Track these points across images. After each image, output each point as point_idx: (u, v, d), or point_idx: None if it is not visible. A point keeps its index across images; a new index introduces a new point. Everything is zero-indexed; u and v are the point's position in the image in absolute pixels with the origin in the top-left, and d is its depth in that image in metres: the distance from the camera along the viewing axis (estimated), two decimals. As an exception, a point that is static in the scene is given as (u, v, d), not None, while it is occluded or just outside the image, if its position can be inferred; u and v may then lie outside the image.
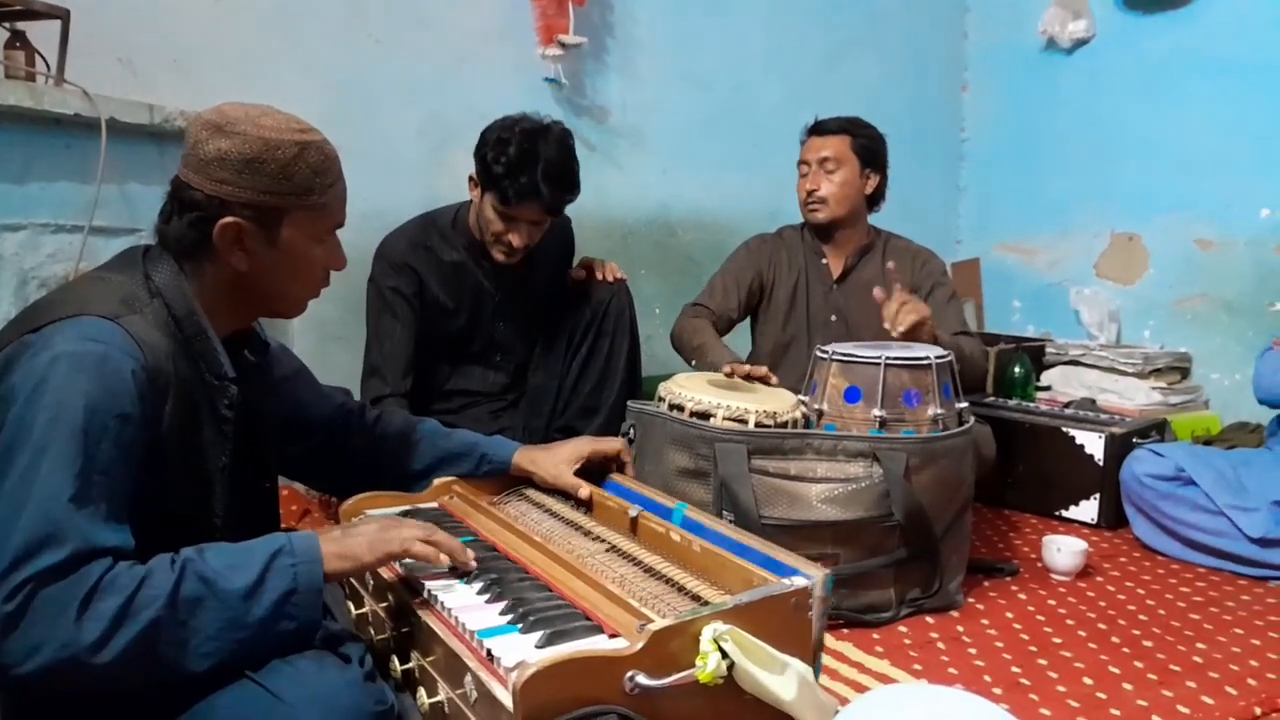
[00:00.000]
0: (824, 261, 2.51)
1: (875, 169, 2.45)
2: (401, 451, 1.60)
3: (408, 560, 1.27)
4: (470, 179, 2.21)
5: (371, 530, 1.20)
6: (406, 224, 2.31)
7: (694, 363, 2.33)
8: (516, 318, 2.35)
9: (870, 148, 2.44)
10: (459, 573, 1.29)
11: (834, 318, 2.49)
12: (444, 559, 1.25)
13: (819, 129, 2.47)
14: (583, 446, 1.66)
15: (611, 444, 1.70)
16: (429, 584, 1.25)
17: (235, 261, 1.19)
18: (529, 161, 2.05)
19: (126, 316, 1.12)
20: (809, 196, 2.44)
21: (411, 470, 1.61)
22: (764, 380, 2.06)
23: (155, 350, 1.12)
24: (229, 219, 1.16)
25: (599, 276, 2.37)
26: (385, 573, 1.31)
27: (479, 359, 2.35)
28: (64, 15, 1.83)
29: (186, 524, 1.17)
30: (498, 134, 2.11)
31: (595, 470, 1.66)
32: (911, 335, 2.07)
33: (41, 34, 1.85)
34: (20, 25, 1.82)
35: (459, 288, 2.27)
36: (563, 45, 2.82)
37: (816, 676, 1.17)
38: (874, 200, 2.50)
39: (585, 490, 1.58)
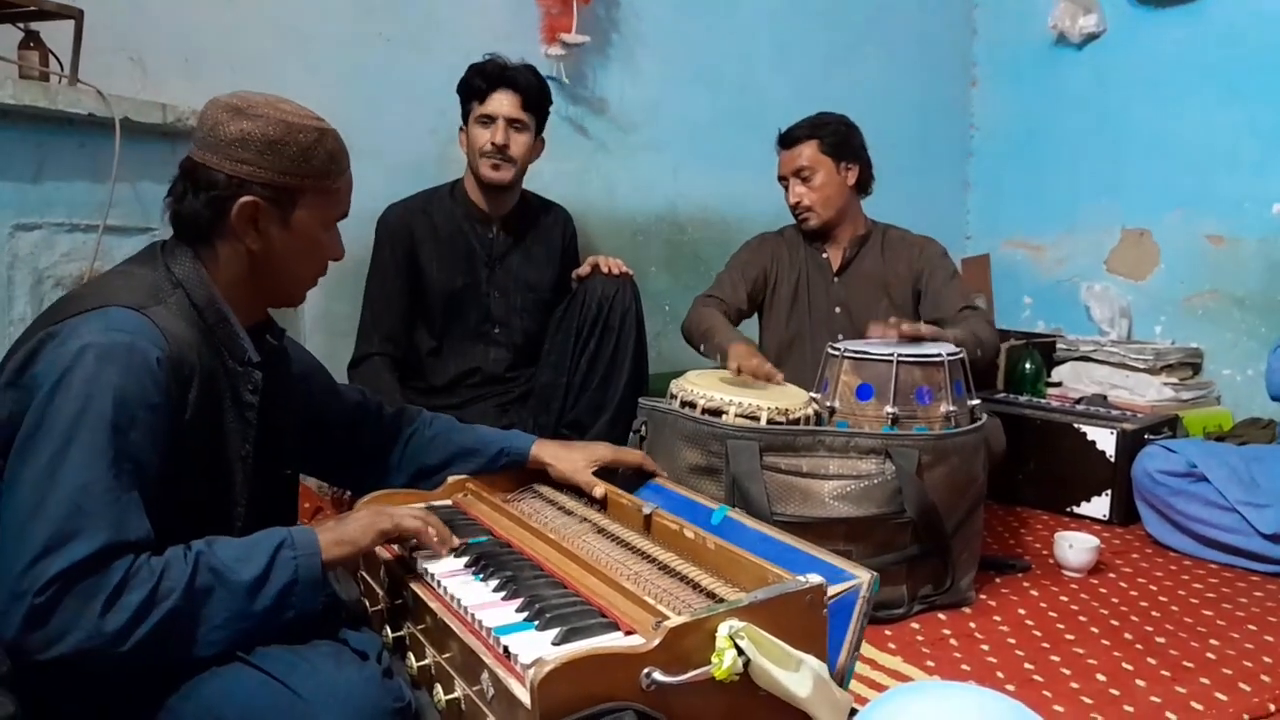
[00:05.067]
0: (824, 256, 2.52)
1: (851, 159, 2.44)
2: (417, 447, 1.61)
3: (425, 566, 1.28)
4: (460, 131, 2.37)
5: (363, 516, 1.25)
6: (408, 196, 2.41)
7: (703, 347, 2.33)
8: (510, 290, 2.40)
9: (838, 142, 2.42)
10: (471, 567, 1.30)
11: (837, 310, 2.50)
12: (433, 533, 1.30)
13: (785, 140, 2.47)
14: (603, 452, 1.66)
15: (632, 455, 1.71)
16: (445, 581, 1.26)
17: (249, 241, 1.22)
18: (499, 63, 2.31)
19: (151, 307, 1.14)
20: (796, 208, 2.47)
21: (427, 465, 1.62)
22: (769, 379, 2.07)
23: (180, 340, 1.14)
24: (247, 198, 1.19)
25: (604, 270, 2.39)
26: (392, 560, 1.32)
27: (478, 334, 2.39)
28: (77, 15, 1.83)
29: (207, 511, 1.20)
30: None
31: (627, 476, 1.68)
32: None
33: (54, 34, 1.85)
34: (34, 25, 1.83)
35: (453, 252, 2.35)
36: (565, 44, 2.82)
37: (849, 678, 1.17)
38: (862, 187, 2.49)
39: (600, 489, 1.59)
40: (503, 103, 2.27)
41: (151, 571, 1.02)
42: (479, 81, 2.28)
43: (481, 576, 1.28)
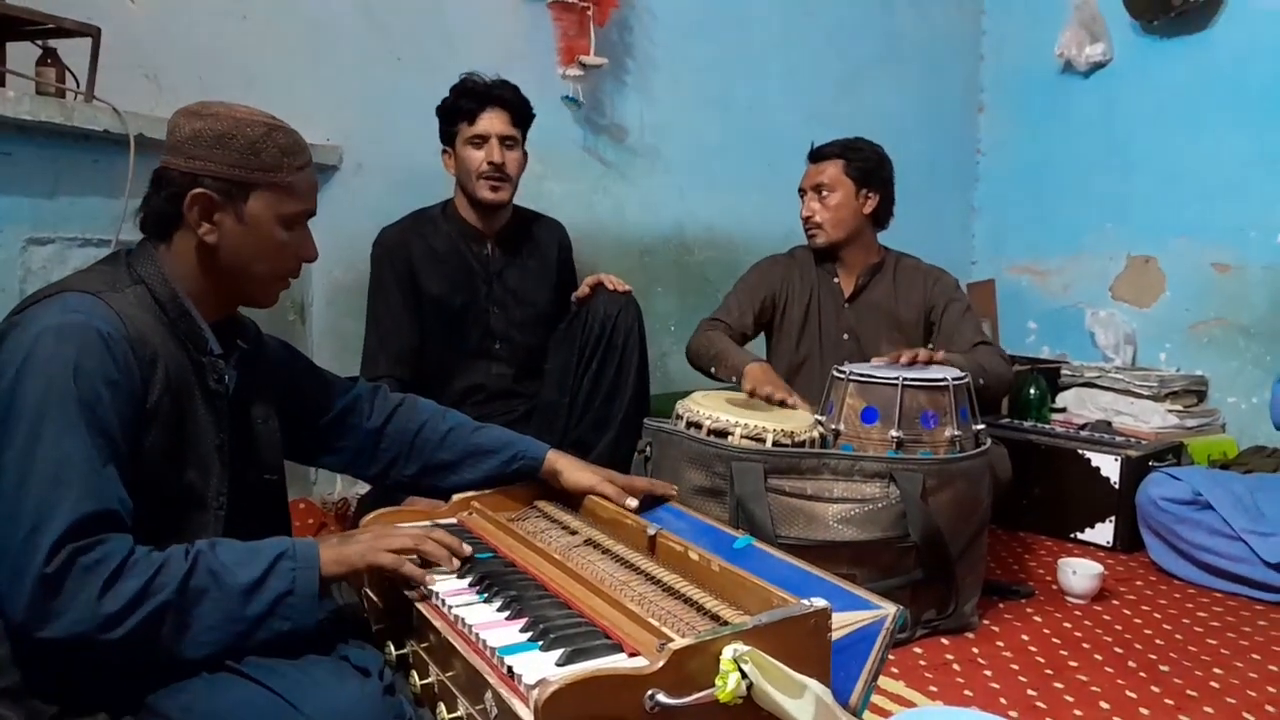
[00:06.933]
0: (835, 280, 2.53)
1: (874, 188, 2.45)
2: (427, 439, 1.58)
3: (429, 584, 1.29)
4: (444, 154, 2.36)
5: (366, 539, 1.26)
6: (400, 219, 2.40)
7: (714, 369, 2.34)
8: (509, 305, 2.41)
9: (866, 168, 2.44)
10: (475, 586, 1.30)
11: (846, 336, 2.50)
12: (434, 547, 1.30)
13: (815, 155, 2.49)
14: (610, 484, 1.59)
15: (639, 482, 1.63)
16: (449, 600, 1.26)
17: (203, 233, 1.25)
18: (480, 82, 2.30)
19: (107, 293, 1.18)
20: (806, 222, 2.48)
21: (438, 460, 1.58)
22: (782, 404, 2.07)
23: (137, 324, 1.18)
24: (196, 189, 1.22)
25: (608, 287, 2.40)
26: (396, 577, 1.32)
27: (480, 350, 2.39)
28: (94, 33, 1.85)
29: (188, 504, 1.22)
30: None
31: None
32: None
33: (72, 51, 1.87)
34: (52, 43, 1.85)
35: (451, 270, 2.35)
36: (583, 65, 2.84)
37: (863, 708, 1.18)
38: (879, 219, 2.50)
39: (633, 501, 1.55)
40: (494, 122, 2.27)
41: (150, 564, 1.06)
42: (466, 102, 2.27)
43: (486, 596, 1.28)
